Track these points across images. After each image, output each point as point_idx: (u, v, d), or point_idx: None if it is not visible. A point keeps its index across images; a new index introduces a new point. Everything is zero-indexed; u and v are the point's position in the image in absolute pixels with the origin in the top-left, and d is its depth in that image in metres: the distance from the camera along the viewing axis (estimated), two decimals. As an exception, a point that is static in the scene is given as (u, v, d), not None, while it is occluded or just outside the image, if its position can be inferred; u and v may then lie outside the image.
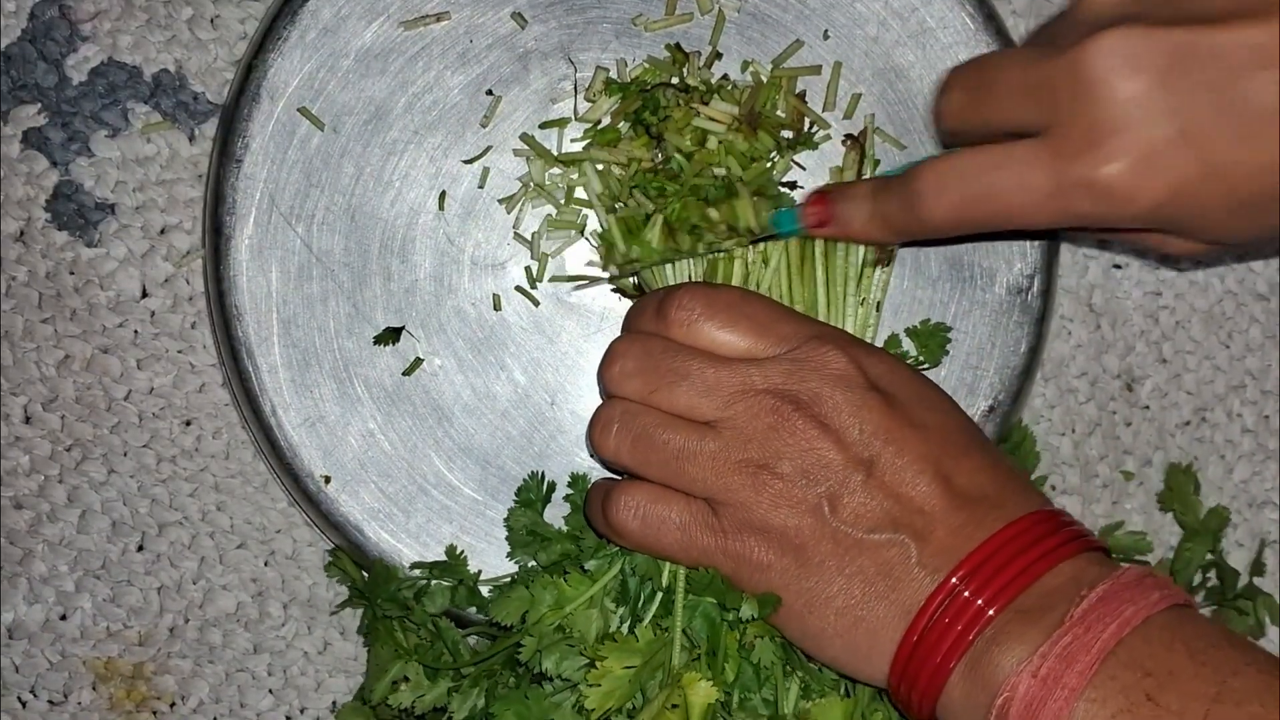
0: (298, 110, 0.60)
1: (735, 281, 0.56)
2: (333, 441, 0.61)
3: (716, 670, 0.52)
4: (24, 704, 0.63)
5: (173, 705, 0.64)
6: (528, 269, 0.61)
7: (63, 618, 0.63)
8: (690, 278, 0.57)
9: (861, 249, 0.57)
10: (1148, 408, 0.66)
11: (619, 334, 0.56)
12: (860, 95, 0.61)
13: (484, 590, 0.59)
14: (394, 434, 0.61)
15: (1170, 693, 0.45)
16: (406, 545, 0.61)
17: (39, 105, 0.63)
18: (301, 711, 0.64)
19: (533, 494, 0.59)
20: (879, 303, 0.58)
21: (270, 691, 0.64)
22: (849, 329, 0.57)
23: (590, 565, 0.55)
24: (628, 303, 0.61)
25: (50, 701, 0.63)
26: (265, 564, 0.64)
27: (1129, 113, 0.47)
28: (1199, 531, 0.63)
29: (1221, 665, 0.46)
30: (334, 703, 0.64)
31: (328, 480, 0.61)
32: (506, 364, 0.61)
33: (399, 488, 0.61)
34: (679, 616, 0.53)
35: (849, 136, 0.61)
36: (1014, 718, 0.46)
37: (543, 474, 0.59)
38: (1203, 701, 0.45)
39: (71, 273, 0.63)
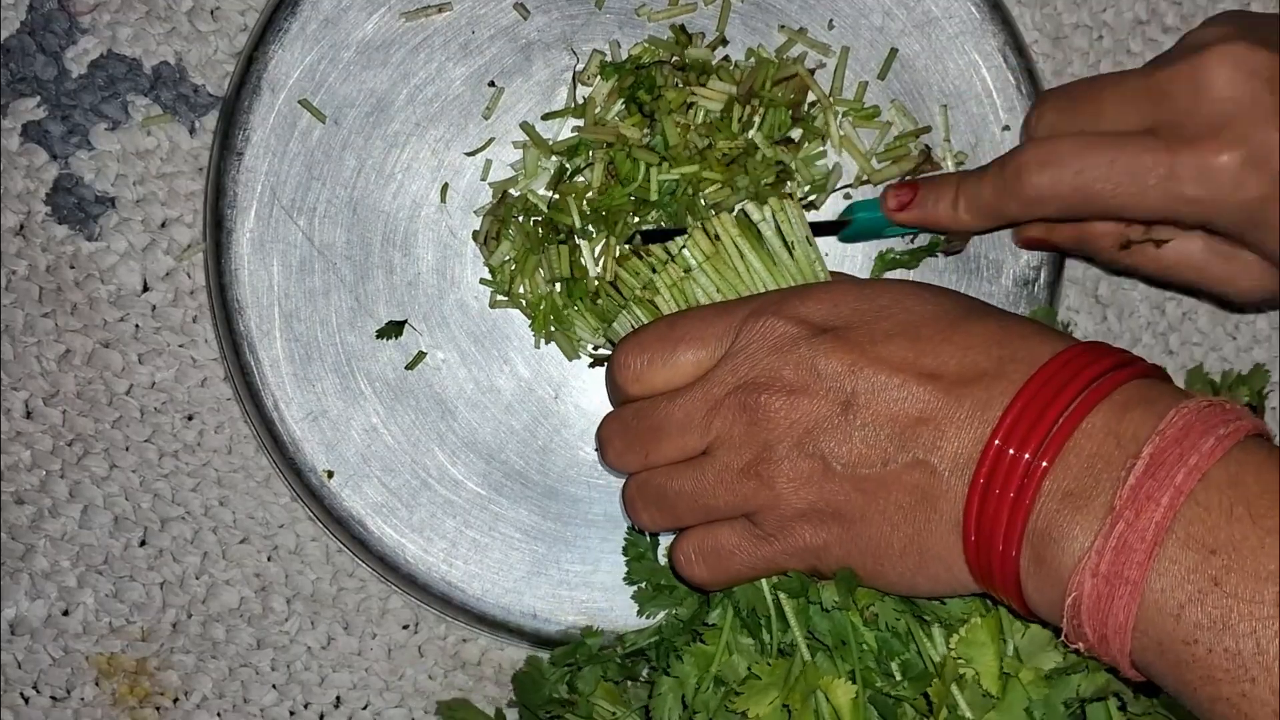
0: (299, 102, 0.60)
1: (668, 301, 0.56)
2: (335, 436, 0.60)
3: (851, 657, 0.51)
4: (27, 700, 0.63)
5: (176, 701, 0.63)
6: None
7: (65, 613, 0.63)
8: (636, 325, 0.56)
9: (795, 227, 0.56)
10: (1154, 399, 0.66)
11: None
12: (866, 84, 0.61)
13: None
14: (397, 428, 0.61)
15: (1237, 574, 0.42)
16: (410, 540, 0.61)
17: (38, 98, 0.62)
18: (305, 706, 0.64)
19: (641, 547, 0.58)
20: (807, 237, 0.56)
21: (274, 686, 0.64)
22: (795, 280, 0.55)
23: (713, 617, 0.55)
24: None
25: (53, 697, 0.63)
26: (268, 559, 0.64)
27: (1243, 111, 0.51)
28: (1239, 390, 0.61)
29: None
30: (337, 698, 0.64)
31: (330, 475, 0.60)
32: (510, 358, 0.61)
33: (402, 482, 0.61)
34: (795, 627, 0.52)
35: (926, 151, 0.61)
36: (1086, 615, 0.45)
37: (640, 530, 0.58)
38: (1273, 582, 0.42)
39: (72, 266, 0.63)
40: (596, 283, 0.59)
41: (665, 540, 0.59)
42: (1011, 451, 0.46)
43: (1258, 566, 0.43)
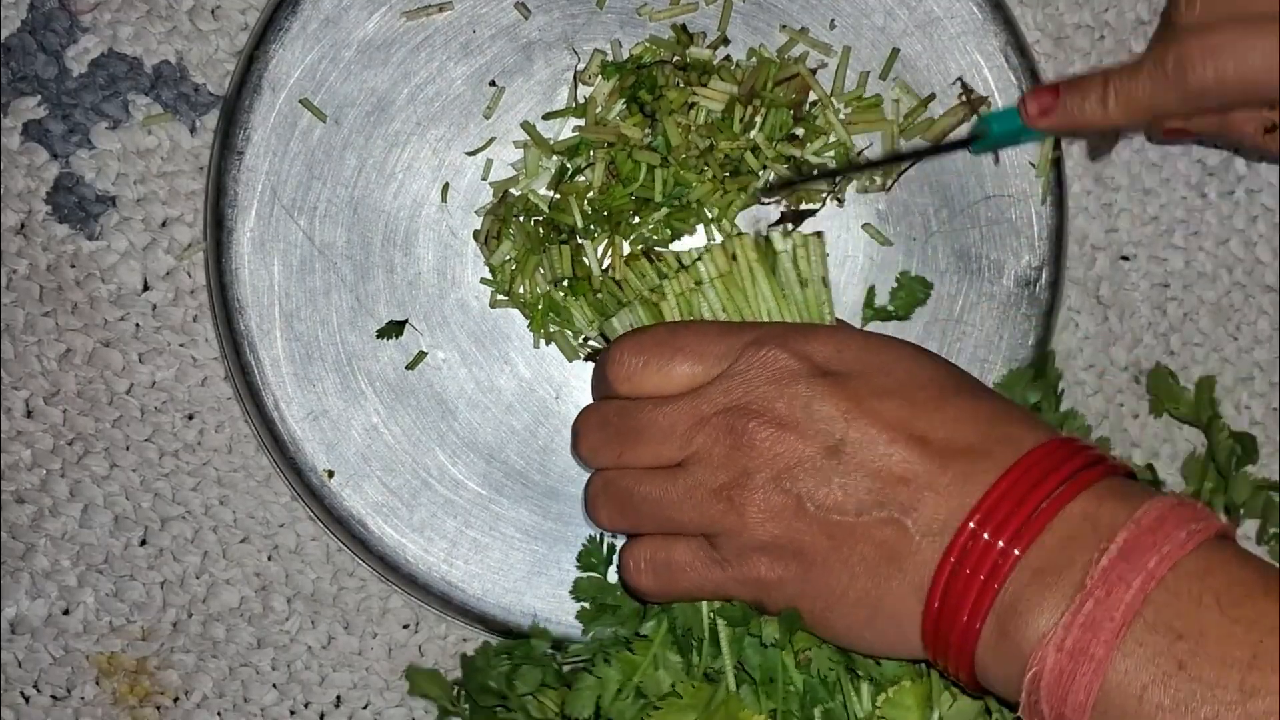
0: (299, 102, 0.60)
1: (673, 308, 0.56)
2: (336, 435, 0.60)
3: (776, 696, 0.52)
4: (27, 699, 0.63)
5: (176, 700, 0.63)
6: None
7: (65, 612, 0.63)
8: (635, 324, 0.56)
9: (814, 265, 0.56)
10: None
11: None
12: (867, 74, 0.61)
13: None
14: (397, 428, 0.61)
15: (1202, 659, 0.43)
16: (410, 540, 0.61)
17: (39, 97, 0.62)
18: (305, 706, 0.64)
19: (594, 558, 0.58)
20: (823, 278, 0.56)
21: (274, 686, 0.64)
22: (800, 317, 0.56)
23: (645, 628, 0.55)
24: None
25: (53, 697, 0.63)
26: (269, 558, 0.63)
27: None
28: (1198, 411, 0.61)
29: (1256, 622, 0.43)
30: (338, 697, 0.64)
31: (331, 474, 0.60)
32: (510, 358, 0.61)
33: (402, 482, 0.61)
34: (726, 655, 0.53)
35: (966, 90, 0.60)
36: (1045, 691, 0.45)
37: (601, 536, 0.58)
38: (1237, 669, 0.43)
39: (72, 266, 0.63)
40: (601, 280, 0.59)
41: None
42: (986, 536, 0.47)
43: (1223, 653, 0.43)
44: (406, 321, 0.61)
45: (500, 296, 0.60)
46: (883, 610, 0.49)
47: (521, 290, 0.60)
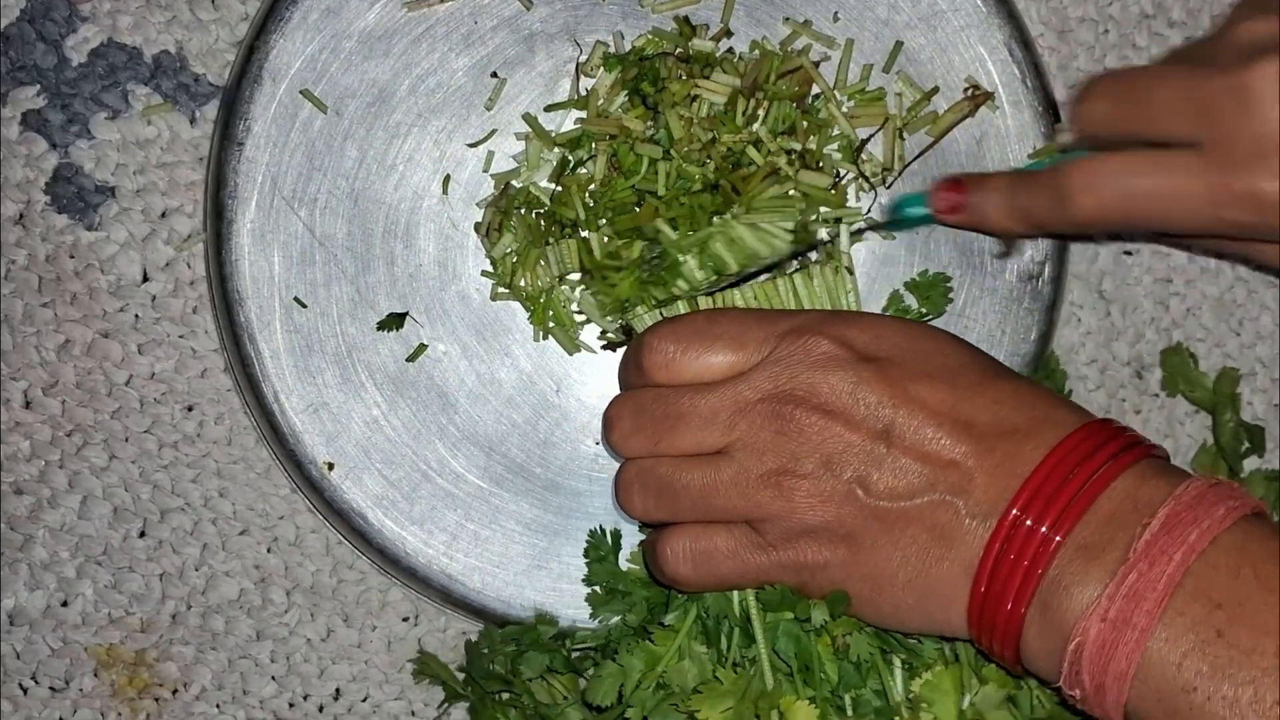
0: (300, 92, 0.60)
1: (706, 299, 0.56)
2: (336, 428, 0.60)
3: (815, 683, 0.52)
4: (25, 691, 0.63)
5: (175, 692, 0.63)
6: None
7: (64, 604, 0.63)
8: (662, 313, 0.56)
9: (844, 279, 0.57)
10: (1157, 395, 0.66)
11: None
12: (871, 67, 0.61)
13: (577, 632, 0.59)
14: (397, 420, 0.60)
15: (1240, 626, 0.45)
16: (410, 533, 0.60)
17: (38, 87, 0.62)
18: (304, 698, 0.64)
19: (603, 550, 0.58)
20: (849, 268, 0.57)
21: (273, 678, 0.64)
22: (826, 304, 0.56)
23: (669, 619, 0.55)
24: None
25: (52, 688, 0.63)
26: (268, 550, 0.63)
27: None
28: (1217, 401, 0.62)
29: None
30: (337, 690, 0.64)
31: (331, 467, 0.60)
32: (511, 350, 0.61)
33: (403, 474, 0.60)
34: (761, 643, 0.53)
35: (973, 86, 0.60)
36: (1088, 661, 0.46)
37: (602, 527, 0.59)
38: (1273, 636, 0.44)
39: (71, 256, 0.62)
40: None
41: (628, 544, 0.59)
42: (1029, 522, 0.48)
43: (1260, 621, 0.45)
44: (407, 314, 0.60)
45: (501, 289, 0.60)
46: (933, 590, 0.50)
47: (523, 283, 0.60)
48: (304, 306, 0.60)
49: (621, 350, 0.60)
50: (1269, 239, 0.52)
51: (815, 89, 0.60)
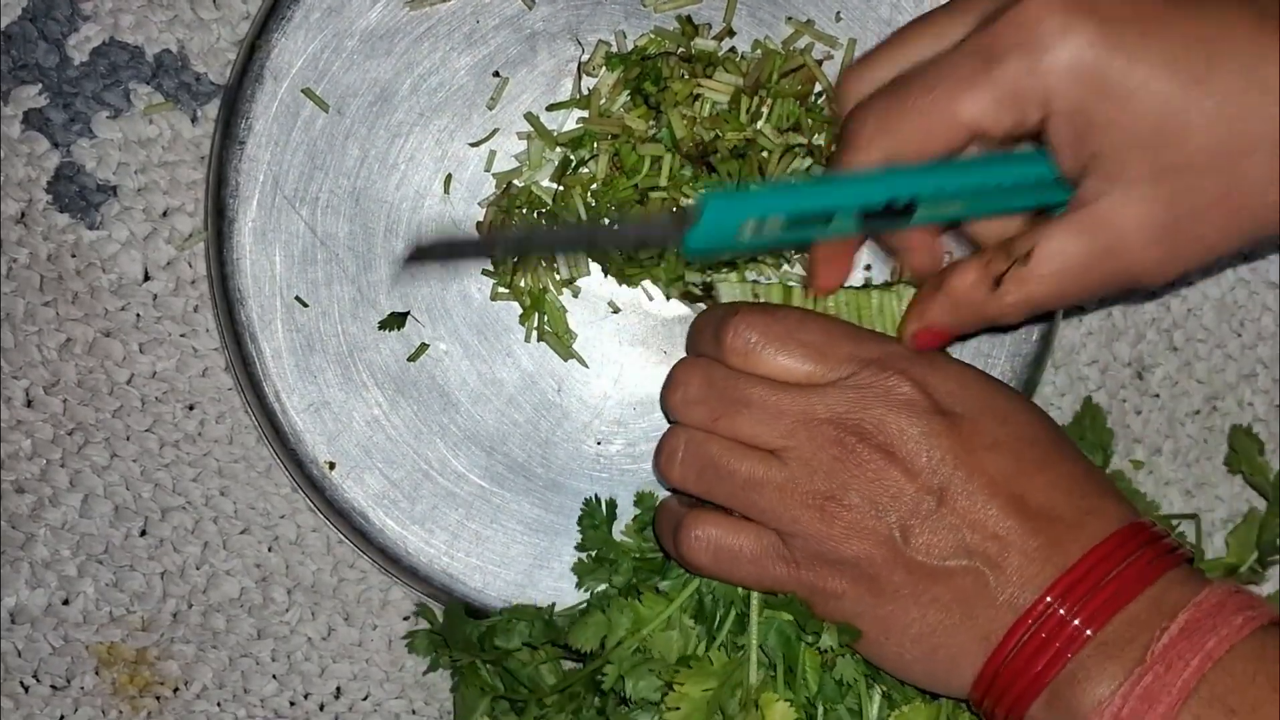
0: (301, 91, 0.60)
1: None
2: (337, 427, 0.60)
3: (796, 687, 0.52)
4: (26, 689, 0.63)
5: (176, 690, 0.63)
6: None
7: (65, 602, 0.63)
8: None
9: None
10: (1158, 396, 0.66)
11: (682, 356, 0.55)
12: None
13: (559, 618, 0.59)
14: (399, 419, 0.60)
15: None
16: (411, 532, 0.60)
17: (40, 85, 0.62)
18: (305, 697, 0.64)
19: (597, 519, 0.58)
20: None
21: (274, 677, 0.64)
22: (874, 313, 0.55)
23: (665, 585, 0.55)
24: (628, 291, 0.60)
25: (53, 686, 0.63)
26: (269, 549, 0.63)
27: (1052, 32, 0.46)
28: (1275, 492, 0.62)
29: None
30: (338, 688, 0.64)
31: (332, 466, 0.60)
32: (512, 350, 0.61)
33: (404, 474, 0.60)
34: (754, 635, 0.53)
35: None
36: None
37: (597, 496, 0.59)
38: None
39: (73, 255, 0.62)
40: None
41: (621, 519, 0.59)
42: (1063, 612, 0.48)
43: None
44: (408, 313, 0.60)
45: (502, 289, 0.60)
46: (943, 650, 0.50)
47: (523, 283, 0.60)
48: (305, 305, 0.60)
49: (698, 306, 0.59)
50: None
51: (818, 87, 0.60)
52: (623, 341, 0.61)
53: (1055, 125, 0.46)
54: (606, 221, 0.57)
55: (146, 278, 0.63)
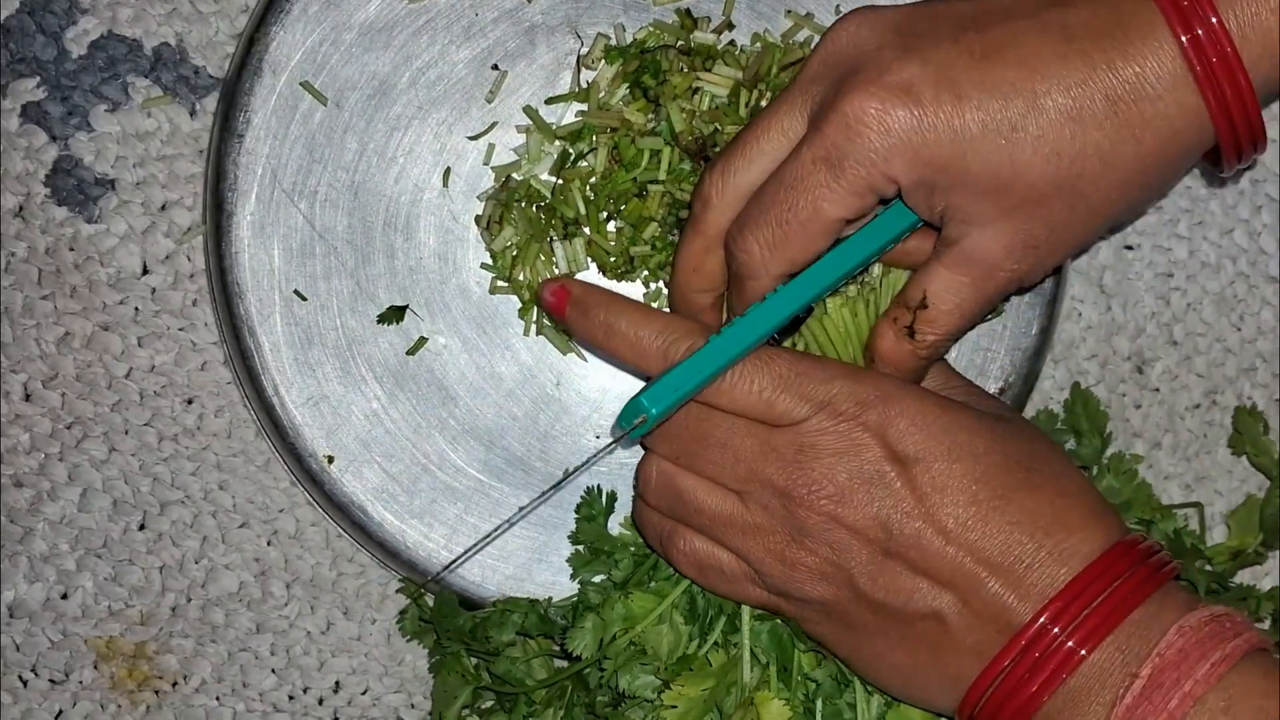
0: (300, 85, 0.60)
1: None
2: (336, 421, 0.60)
3: (791, 686, 0.53)
4: (25, 683, 0.63)
5: (175, 685, 0.63)
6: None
7: (64, 596, 0.63)
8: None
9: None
10: (1158, 390, 0.66)
11: None
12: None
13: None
14: (398, 413, 0.60)
15: None
16: (410, 526, 0.60)
17: (38, 79, 0.62)
18: (304, 691, 0.64)
19: (594, 508, 0.59)
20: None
21: (273, 671, 0.64)
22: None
23: (654, 585, 0.56)
24: (626, 286, 0.60)
25: (51, 680, 0.63)
26: (268, 543, 0.63)
27: (868, 53, 0.50)
28: (1275, 472, 0.62)
29: None
30: (336, 682, 0.64)
31: (331, 460, 0.60)
32: (511, 344, 0.61)
33: (403, 468, 0.60)
34: (746, 636, 0.54)
35: None
36: None
37: (599, 487, 0.59)
38: None
39: (71, 249, 0.62)
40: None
41: (620, 511, 0.59)
42: (1026, 670, 0.48)
43: None
44: (407, 307, 0.60)
45: (501, 283, 0.60)
46: (915, 685, 0.51)
47: (522, 277, 0.60)
48: (304, 299, 0.60)
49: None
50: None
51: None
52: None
53: (906, 195, 0.50)
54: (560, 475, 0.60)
55: (145, 271, 0.63)
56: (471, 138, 0.60)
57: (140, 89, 0.62)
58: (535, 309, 0.60)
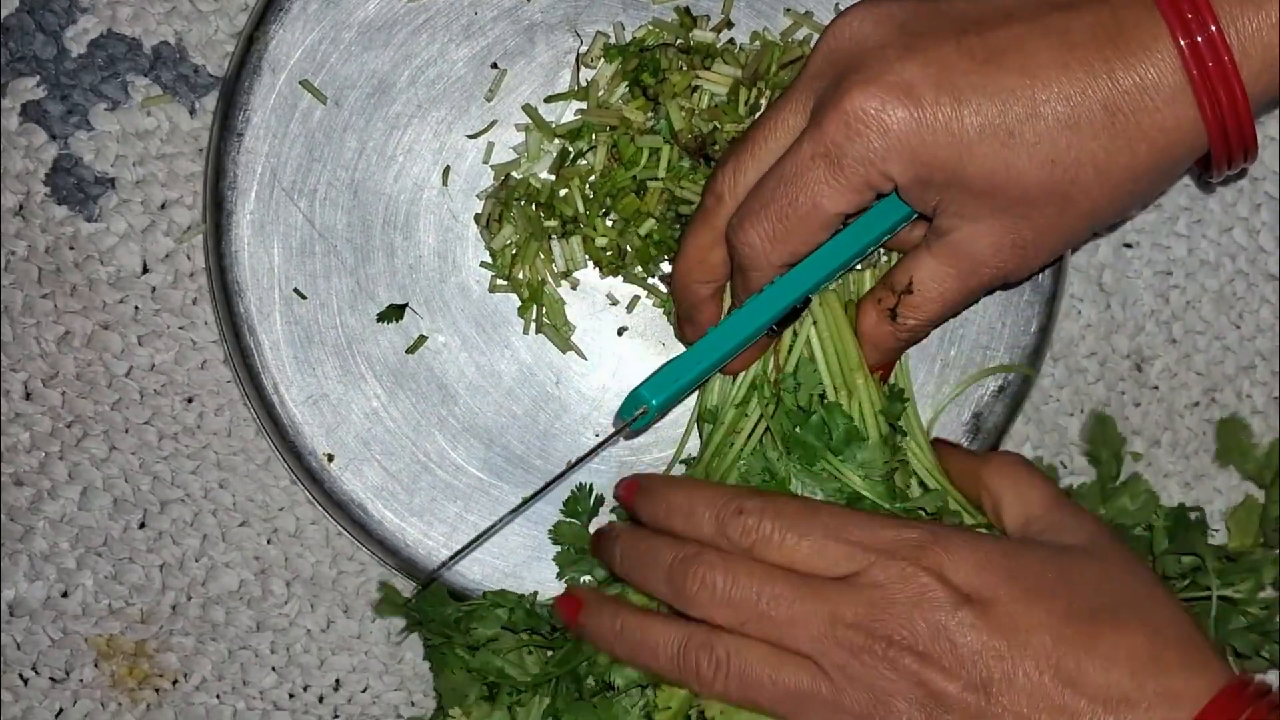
0: (299, 83, 0.60)
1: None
2: (335, 419, 0.60)
3: None
4: (25, 681, 0.63)
5: (175, 683, 0.63)
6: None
7: (64, 595, 0.63)
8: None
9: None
10: (1157, 388, 0.66)
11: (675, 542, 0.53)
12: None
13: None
14: (397, 412, 0.60)
15: None
16: (410, 524, 0.60)
17: (38, 78, 0.62)
18: (305, 689, 0.64)
19: (580, 506, 0.58)
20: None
21: (273, 669, 0.64)
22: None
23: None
24: (626, 284, 0.60)
25: (52, 679, 0.63)
26: (268, 542, 0.63)
27: (871, 50, 0.50)
28: (1272, 478, 0.62)
29: None
30: (337, 680, 0.64)
31: (331, 458, 0.60)
32: (511, 342, 0.61)
33: (402, 466, 0.60)
34: None
35: None
36: None
37: (590, 487, 0.59)
38: None
39: (71, 248, 0.62)
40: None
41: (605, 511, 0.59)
42: None
43: None
44: (407, 305, 0.60)
45: (500, 281, 0.60)
46: None
47: (521, 275, 0.60)
48: (304, 298, 0.60)
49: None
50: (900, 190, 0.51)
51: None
52: (621, 333, 0.61)
53: (902, 191, 0.51)
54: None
55: (145, 270, 0.63)
56: (471, 136, 0.60)
57: (140, 88, 0.62)
58: (535, 307, 0.60)
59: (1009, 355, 0.61)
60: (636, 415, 0.52)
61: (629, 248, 0.59)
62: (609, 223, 0.59)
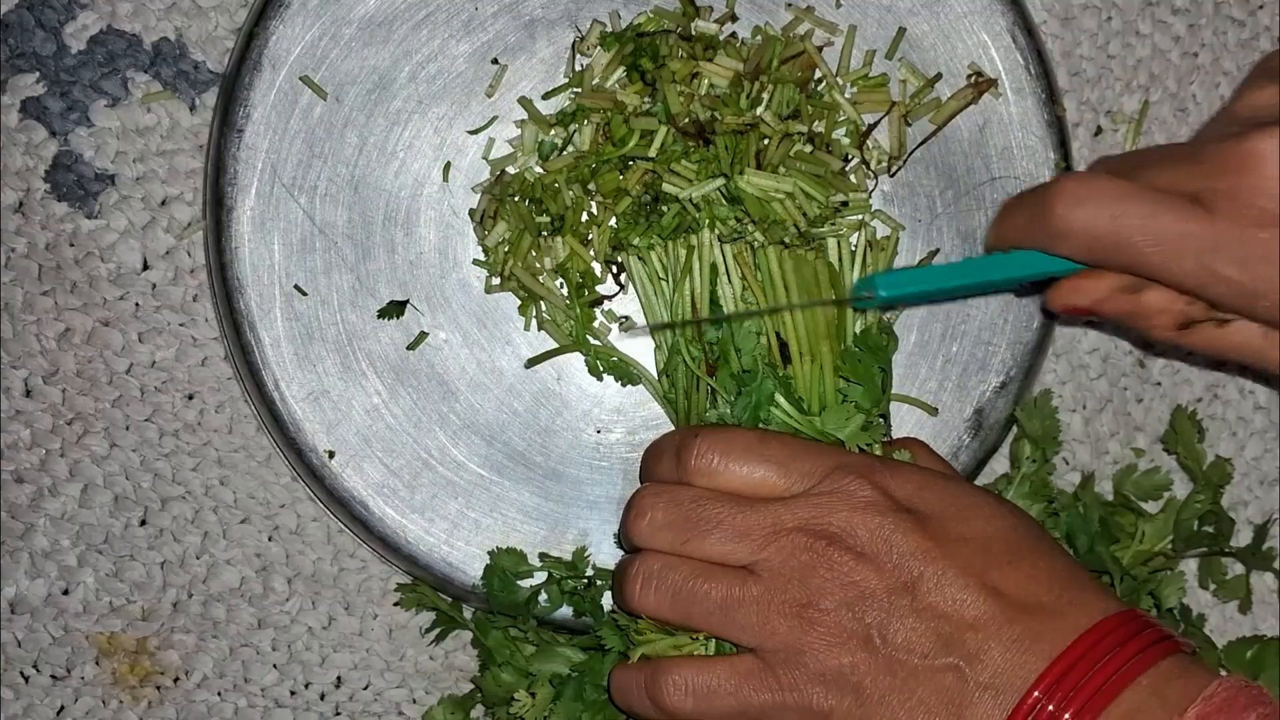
0: (300, 79, 0.59)
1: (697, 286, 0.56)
2: (336, 416, 0.60)
3: None
4: (26, 679, 0.63)
5: (176, 680, 0.63)
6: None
7: (65, 592, 0.63)
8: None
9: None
10: (1159, 384, 0.65)
11: (640, 486, 0.55)
12: (874, 52, 0.60)
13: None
14: (398, 408, 0.60)
15: None
16: (411, 521, 0.60)
17: (37, 74, 0.62)
18: (306, 686, 0.64)
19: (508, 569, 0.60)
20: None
21: (274, 666, 0.64)
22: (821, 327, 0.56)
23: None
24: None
25: (53, 676, 0.63)
26: (269, 539, 0.63)
27: None
28: (1202, 479, 0.62)
29: None
30: (338, 678, 0.64)
31: (331, 455, 0.60)
32: (512, 339, 0.61)
33: (403, 463, 0.60)
34: None
35: (976, 73, 0.60)
36: None
37: (512, 548, 0.60)
38: None
39: (71, 244, 0.62)
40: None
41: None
42: (1051, 707, 0.47)
43: None
44: (408, 301, 0.60)
45: (494, 280, 0.60)
46: None
47: (515, 272, 0.59)
48: (304, 294, 0.60)
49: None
50: (1253, 311, 0.51)
51: (818, 74, 0.60)
52: (623, 328, 0.61)
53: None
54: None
55: (145, 267, 0.62)
56: (471, 132, 0.60)
57: (140, 84, 0.62)
58: (535, 304, 0.60)
59: (1010, 351, 0.61)
60: (862, 296, 0.55)
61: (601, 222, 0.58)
62: (593, 208, 0.58)
